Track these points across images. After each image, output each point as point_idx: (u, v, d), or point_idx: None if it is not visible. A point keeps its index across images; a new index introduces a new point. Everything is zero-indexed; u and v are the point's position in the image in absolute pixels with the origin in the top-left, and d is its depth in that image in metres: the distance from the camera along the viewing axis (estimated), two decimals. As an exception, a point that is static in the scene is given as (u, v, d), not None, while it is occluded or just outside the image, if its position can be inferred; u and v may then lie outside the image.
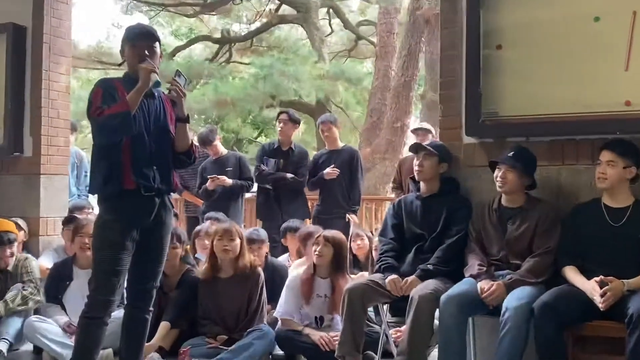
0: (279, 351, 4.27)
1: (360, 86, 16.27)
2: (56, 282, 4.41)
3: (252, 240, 4.57)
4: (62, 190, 5.60)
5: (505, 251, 3.53)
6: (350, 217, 5.86)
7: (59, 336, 4.12)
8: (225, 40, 17.72)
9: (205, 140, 6.20)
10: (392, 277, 3.68)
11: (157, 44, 3.44)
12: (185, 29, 21.64)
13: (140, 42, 3.38)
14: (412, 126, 8.29)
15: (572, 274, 3.30)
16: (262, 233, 4.81)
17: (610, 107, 3.54)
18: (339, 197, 5.91)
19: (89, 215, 5.31)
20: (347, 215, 5.86)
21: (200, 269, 4.44)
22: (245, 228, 5.84)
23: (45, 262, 4.86)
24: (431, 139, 5.85)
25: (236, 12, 18.26)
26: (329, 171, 5.85)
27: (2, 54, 5.38)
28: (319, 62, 15.22)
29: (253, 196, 10.43)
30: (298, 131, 6.39)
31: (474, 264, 3.51)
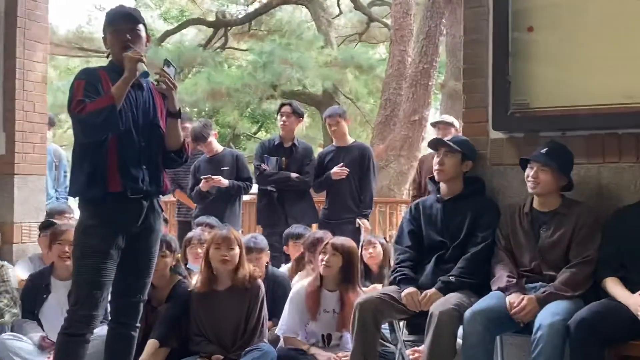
0: (281, 373, 4.26)
1: (373, 74, 16.28)
2: (32, 296, 4.40)
3: (249, 249, 4.56)
4: (39, 192, 5.61)
5: (537, 261, 3.51)
6: (361, 222, 5.85)
7: (33, 355, 4.12)
8: (221, 24, 17.77)
9: (198, 137, 6.19)
10: (408, 290, 3.67)
11: (141, 27, 3.45)
12: (176, 11, 21.71)
13: (121, 25, 3.39)
14: (431, 119, 8.28)
15: (613, 286, 3.27)
16: (261, 240, 4.80)
17: (657, 97, 3.53)
18: (349, 199, 5.90)
19: (69, 221, 5.32)
20: (358, 220, 5.85)
21: (193, 280, 4.44)
22: (243, 234, 5.83)
23: (20, 272, 4.86)
24: (454, 133, 5.83)
25: (232, -8, 18.35)
26: (337, 170, 5.84)
27: (-30, 40, 5.41)
28: (325, 48, 15.24)
29: (252, 199, 10.46)
30: (302, 125, 6.38)
31: (502, 276, 3.49)
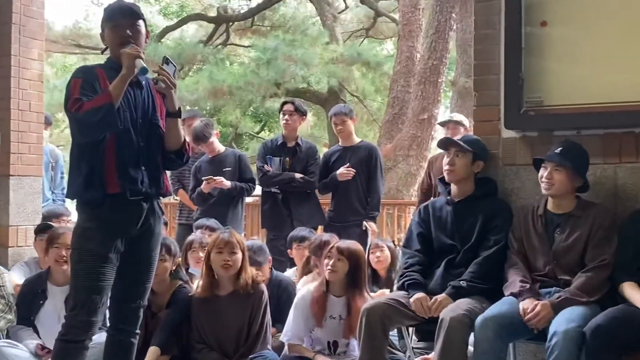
0: (285, 381, 4.26)
1: (380, 71, 16.29)
2: (28, 301, 4.40)
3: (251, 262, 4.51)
4: (35, 194, 5.62)
5: (552, 265, 3.50)
6: (368, 225, 5.86)
7: (30, 363, 4.12)
8: (222, 19, 17.79)
9: (199, 136, 6.18)
10: (418, 295, 3.66)
11: (140, 23, 3.45)
12: (176, 7, 21.77)
13: (120, 21, 3.40)
14: (440, 118, 8.27)
15: (631, 291, 3.26)
16: (263, 249, 4.73)
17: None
18: (355, 201, 5.90)
19: (66, 224, 5.33)
20: (365, 222, 5.85)
21: (194, 285, 4.44)
22: (245, 238, 5.83)
23: (15, 277, 4.85)
24: (463, 133, 5.82)
25: (235, -13, 18.37)
26: (343, 171, 5.84)
27: (-36, 37, 5.42)
28: (331, 44, 15.24)
29: (255, 201, 10.47)
30: (307, 124, 6.38)
31: (515, 280, 3.49)
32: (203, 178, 6.04)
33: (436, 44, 11.34)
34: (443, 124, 6.44)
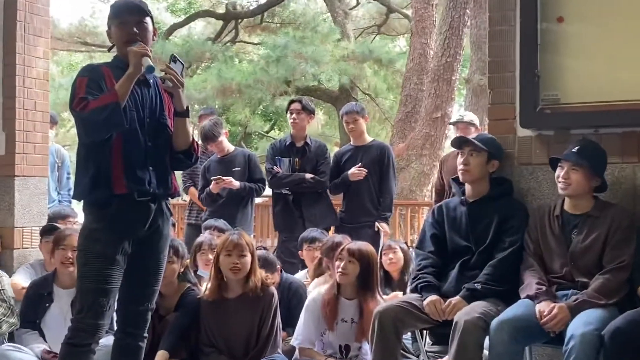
0: (296, 386, 4.27)
1: (392, 69, 16.28)
2: (34, 304, 4.41)
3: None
4: (40, 195, 5.64)
5: (569, 267, 3.50)
6: (381, 226, 5.86)
7: (36, 368, 4.14)
8: (231, 16, 17.81)
9: (208, 136, 6.18)
10: (431, 298, 3.66)
11: (147, 20, 3.45)
12: (184, 4, 21.80)
13: (127, 18, 3.40)
14: (454, 116, 8.25)
15: (651, 293, 3.25)
16: (269, 260, 4.67)
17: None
18: (367, 202, 5.90)
19: (72, 225, 5.34)
20: (377, 223, 5.86)
21: (203, 287, 4.44)
22: (255, 239, 5.84)
23: (21, 280, 4.88)
24: (474, 132, 5.82)
25: (243, -18, 18.41)
26: (355, 171, 5.84)
27: (-32, 35, 5.44)
28: (342, 41, 15.23)
29: (264, 201, 10.48)
30: (317, 123, 6.38)
31: (531, 283, 3.48)
32: (212, 178, 6.05)
33: (450, 40, 11.32)
34: (454, 124, 6.44)
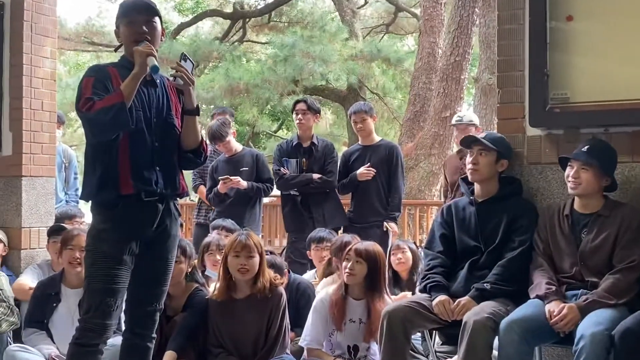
0: (304, 386, 4.28)
1: (401, 68, 16.28)
2: (41, 304, 4.42)
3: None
4: (48, 195, 5.65)
5: (578, 266, 3.49)
6: (389, 226, 5.86)
7: (43, 369, 4.16)
8: (238, 15, 17.84)
9: (215, 136, 6.18)
10: (440, 298, 3.67)
11: (156, 19, 3.46)
12: (191, 3, 21.83)
13: (136, 17, 3.40)
14: (454, 118, 8.24)
15: (661, 294, 3.25)
16: (276, 265, 4.61)
17: None
18: (376, 201, 5.91)
19: (79, 225, 5.36)
20: (385, 223, 5.86)
21: (211, 287, 4.45)
22: (263, 239, 5.84)
23: (28, 280, 4.89)
24: (474, 132, 5.81)
25: (251, -19, 18.42)
26: (363, 171, 5.85)
27: (-25, 35, 5.45)
28: (350, 40, 15.24)
29: (272, 201, 10.49)
30: (325, 123, 6.39)
31: (540, 283, 3.48)
32: (219, 178, 6.05)
33: (458, 39, 11.32)
34: (453, 125, 6.42)
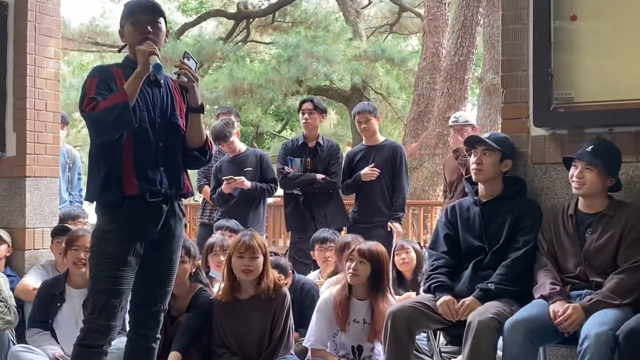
0: (308, 387, 4.28)
1: (405, 68, 16.28)
2: (46, 304, 4.43)
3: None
4: (52, 195, 5.65)
5: (583, 266, 3.49)
6: (393, 226, 5.85)
7: (48, 369, 4.16)
8: (242, 16, 17.85)
9: (219, 136, 6.17)
10: (444, 298, 3.67)
11: (161, 20, 3.47)
12: (195, 3, 21.84)
13: (141, 17, 3.41)
14: (467, 116, 8.21)
15: (666, 294, 3.25)
16: (280, 266, 4.61)
17: None
18: (380, 202, 5.91)
19: (83, 226, 5.36)
20: (389, 223, 5.86)
21: (215, 288, 4.45)
22: (267, 239, 5.84)
23: (32, 281, 4.89)
24: (471, 133, 5.80)
25: (255, -19, 18.42)
26: (367, 171, 5.85)
27: (-21, 35, 5.45)
28: (354, 40, 15.24)
29: (276, 202, 10.50)
30: (330, 123, 6.37)
31: (545, 283, 3.48)
32: (223, 178, 6.05)
33: (463, 39, 11.32)
34: (450, 126, 6.39)
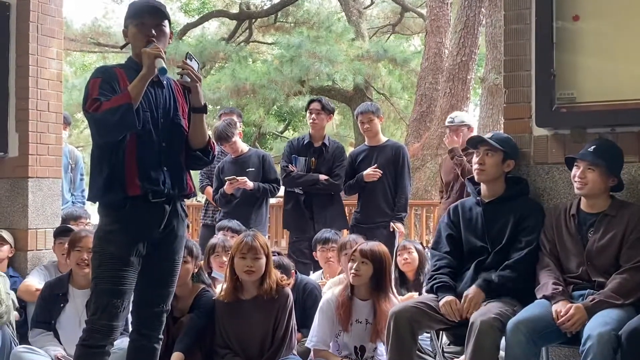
0: (311, 387, 4.28)
1: (407, 68, 16.27)
2: (49, 305, 4.44)
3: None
4: (54, 196, 5.67)
5: (585, 266, 3.49)
6: (396, 226, 5.85)
7: (50, 370, 4.17)
8: (245, 16, 17.84)
9: (221, 136, 6.16)
10: (447, 298, 3.67)
11: (166, 23, 3.47)
12: (197, 3, 21.84)
13: (146, 19, 3.41)
14: (470, 116, 8.20)
15: (668, 294, 3.25)
16: (283, 265, 4.64)
17: None
18: (382, 202, 5.91)
19: (85, 226, 5.37)
20: (392, 224, 5.86)
21: (217, 288, 4.45)
22: (269, 240, 5.84)
23: (34, 281, 4.91)
24: (467, 133, 5.79)
25: (257, -19, 18.43)
26: (370, 172, 5.85)
27: (-19, 36, 5.46)
28: (356, 40, 15.23)
29: (279, 202, 10.49)
30: (332, 123, 6.36)
31: (547, 283, 3.48)
32: (226, 178, 6.04)
33: (465, 39, 11.31)
34: (447, 126, 6.37)
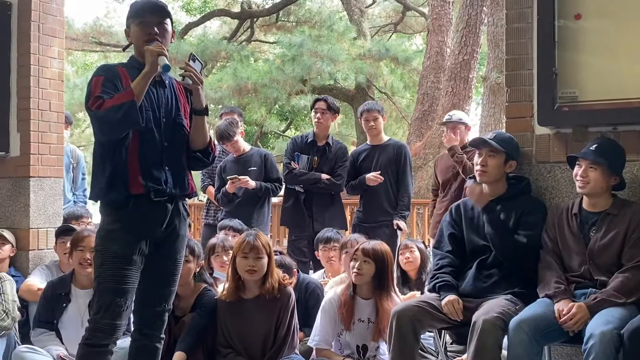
0: (313, 386, 4.28)
1: (409, 67, 16.26)
2: (51, 305, 4.44)
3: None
4: (56, 195, 5.67)
5: (587, 265, 3.49)
6: (398, 225, 5.86)
7: (52, 370, 4.17)
8: (246, 15, 17.84)
9: (223, 135, 6.16)
10: (449, 297, 3.67)
11: (168, 21, 3.48)
12: (199, 2, 21.85)
13: (148, 18, 3.42)
14: (472, 115, 8.20)
15: (671, 292, 3.24)
16: (285, 264, 4.64)
17: None
18: (384, 201, 5.92)
19: (87, 226, 5.37)
20: (394, 223, 5.86)
21: (219, 288, 4.45)
22: (271, 239, 5.85)
23: (36, 281, 4.90)
24: (465, 131, 5.80)
25: (259, -19, 18.42)
26: (372, 177, 5.86)
27: (-18, 35, 5.46)
28: (358, 39, 15.23)
29: (281, 201, 10.48)
30: (334, 123, 6.35)
31: (549, 282, 3.49)
32: (228, 177, 6.04)
33: (467, 38, 11.31)
34: (443, 124, 6.36)
